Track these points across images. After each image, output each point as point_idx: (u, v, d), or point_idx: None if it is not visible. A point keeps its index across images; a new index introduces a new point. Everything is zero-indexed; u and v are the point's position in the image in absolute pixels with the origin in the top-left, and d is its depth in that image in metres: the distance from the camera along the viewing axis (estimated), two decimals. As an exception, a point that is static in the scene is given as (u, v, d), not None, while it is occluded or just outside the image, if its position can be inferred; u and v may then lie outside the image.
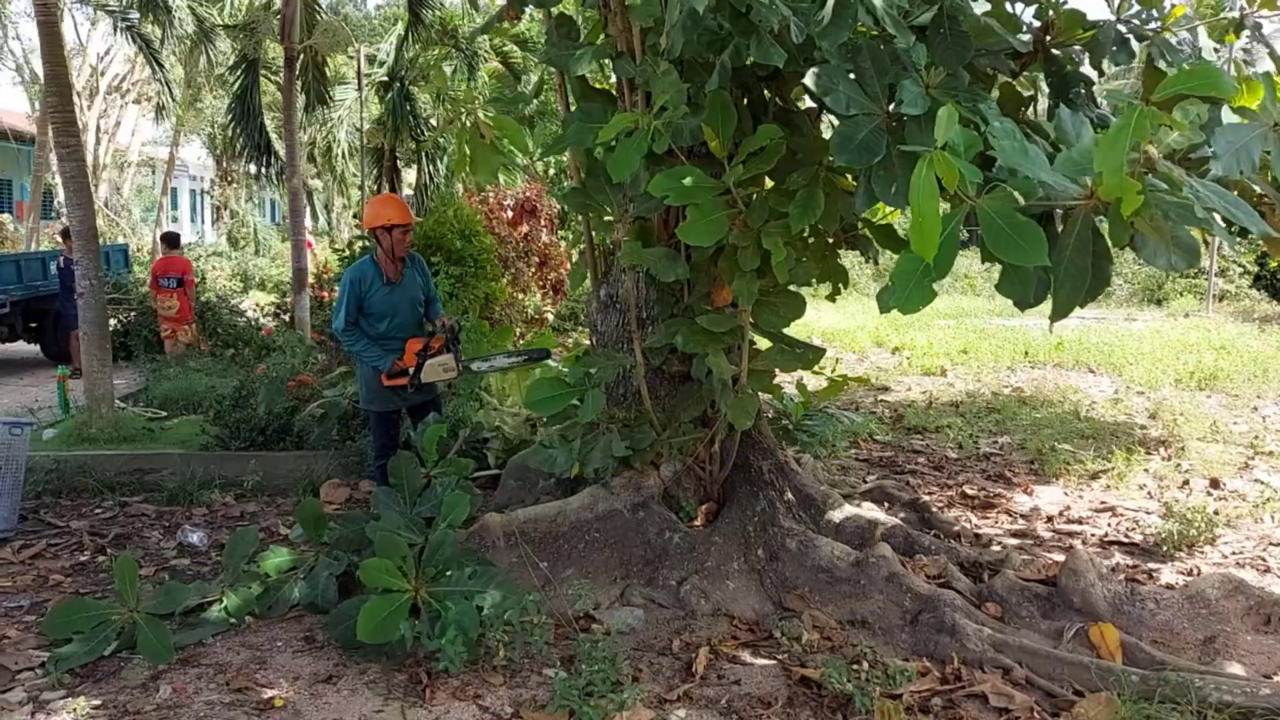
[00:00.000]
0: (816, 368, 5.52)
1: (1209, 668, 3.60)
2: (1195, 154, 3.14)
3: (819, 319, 16.35)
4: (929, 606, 3.92)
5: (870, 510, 4.85)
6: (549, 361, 5.60)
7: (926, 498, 5.91)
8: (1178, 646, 3.82)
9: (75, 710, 3.22)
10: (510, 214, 11.28)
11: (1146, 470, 6.77)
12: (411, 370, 4.85)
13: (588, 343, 4.92)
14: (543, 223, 11.58)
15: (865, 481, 6.23)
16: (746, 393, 4.06)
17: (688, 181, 3.57)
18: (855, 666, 3.49)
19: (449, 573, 3.71)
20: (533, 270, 11.58)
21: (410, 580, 3.63)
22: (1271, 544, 5.22)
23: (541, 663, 3.61)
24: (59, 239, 11.28)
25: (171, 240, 11.24)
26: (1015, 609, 4.02)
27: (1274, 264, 20.27)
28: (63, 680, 3.44)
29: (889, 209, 3.90)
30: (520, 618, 3.59)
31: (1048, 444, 7.29)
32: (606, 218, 4.08)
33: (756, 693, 3.47)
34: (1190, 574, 4.66)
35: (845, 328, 14.85)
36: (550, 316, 11.81)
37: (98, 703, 3.28)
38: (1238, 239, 3.51)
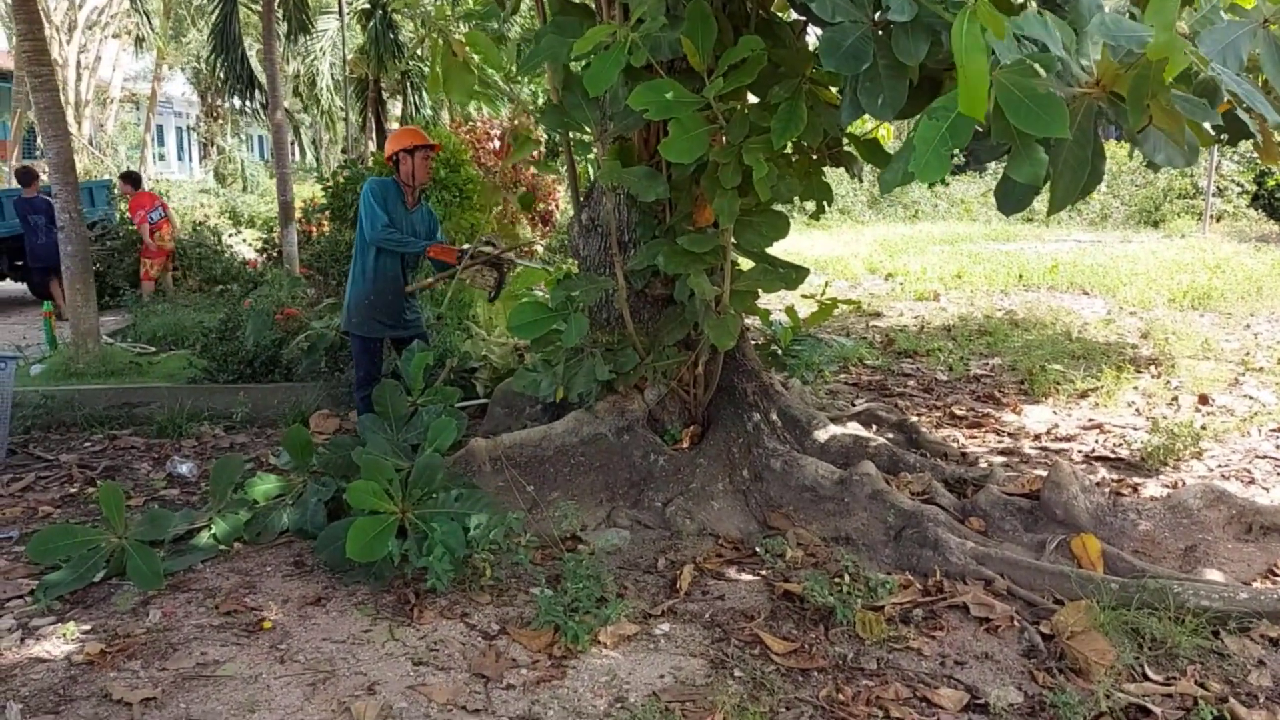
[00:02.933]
0: (806, 292, 5.51)
1: (1189, 575, 3.63)
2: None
3: (812, 246, 16.26)
4: (912, 522, 3.94)
5: (856, 430, 4.86)
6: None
7: (915, 419, 5.92)
8: (1159, 555, 3.85)
9: (65, 635, 3.25)
10: (497, 144, 11.10)
11: (1136, 388, 6.78)
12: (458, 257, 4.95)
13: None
14: (532, 153, 11.40)
15: (854, 405, 6.22)
16: (729, 313, 4.03)
17: (668, 95, 3.49)
18: (837, 580, 3.52)
19: (435, 495, 3.72)
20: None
21: (397, 502, 3.64)
22: (1257, 456, 5.24)
23: (528, 582, 3.65)
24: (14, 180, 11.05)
25: (133, 180, 11.08)
26: (999, 523, 4.05)
27: (1272, 182, 20.10)
28: (52, 607, 3.47)
29: (874, 123, 3.84)
30: (505, 538, 3.61)
31: (1038, 365, 7.29)
32: (585, 136, 3.99)
33: (740, 607, 3.51)
34: (1175, 486, 4.69)
35: (838, 255, 14.76)
36: (540, 249, 11.73)
37: (88, 628, 3.32)
38: (1225, 144, 3.43)
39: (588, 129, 3.88)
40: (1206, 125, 2.89)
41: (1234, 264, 12.50)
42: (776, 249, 4.20)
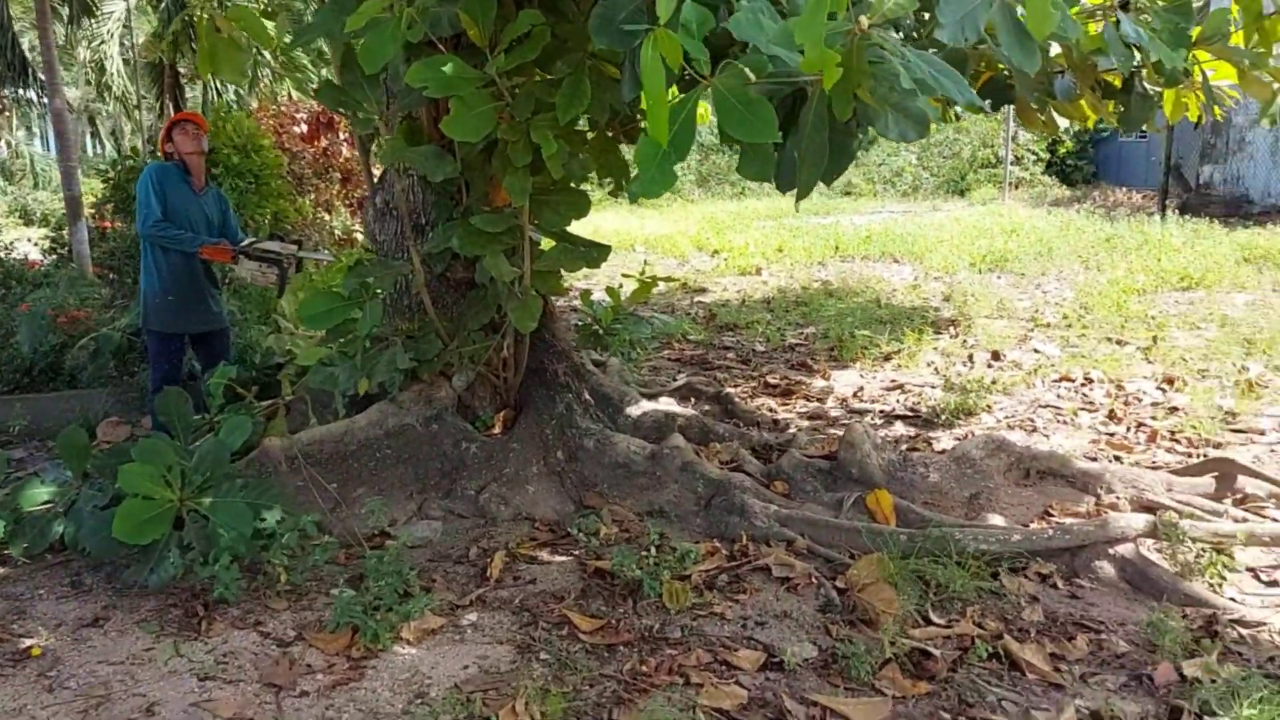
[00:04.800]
0: (627, 271, 5.52)
1: (973, 521, 3.86)
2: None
3: (642, 226, 16.43)
4: (720, 490, 4.02)
5: (668, 404, 4.93)
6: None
7: (731, 390, 6.06)
8: (947, 505, 4.07)
9: None
10: (304, 127, 10.64)
11: (936, 349, 7.16)
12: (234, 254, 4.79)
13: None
14: (343, 136, 10.98)
15: (675, 379, 6.31)
16: (530, 294, 3.99)
17: (447, 70, 3.39)
18: (644, 554, 3.55)
19: (219, 484, 3.51)
20: (336, 187, 11.02)
21: (175, 490, 3.41)
22: (1040, 406, 5.63)
23: (329, 584, 3.51)
24: None
25: None
26: (801, 484, 4.19)
27: (1063, 150, 21.62)
28: None
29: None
30: (300, 540, 3.46)
31: (848, 332, 7.59)
32: (368, 115, 3.84)
33: (551, 589, 3.49)
34: (964, 439, 4.97)
35: (667, 233, 14.96)
36: (360, 236, 11.33)
37: None
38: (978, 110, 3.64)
39: (368, 106, 3.73)
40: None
41: (1029, 227, 13.39)
42: (589, 229, 4.18)
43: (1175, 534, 3.49)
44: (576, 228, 4.17)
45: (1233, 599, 3.29)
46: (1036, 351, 6.94)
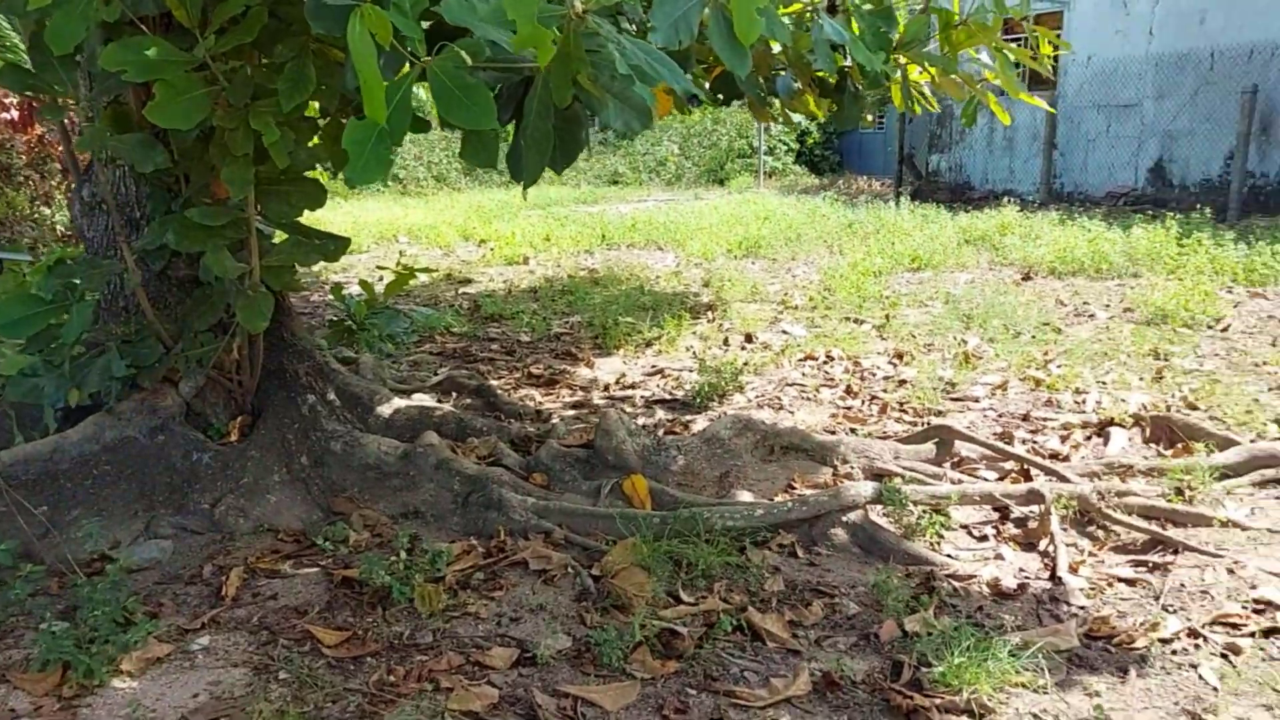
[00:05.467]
0: (382, 264, 5.30)
1: (722, 499, 4.00)
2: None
3: (405, 215, 15.96)
4: (478, 486, 3.96)
5: (422, 401, 4.80)
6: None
7: (495, 382, 5.99)
8: (699, 485, 4.20)
9: None
10: (14, 113, 9.56)
11: (695, 333, 7.39)
12: None
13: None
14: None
15: (436, 374, 6.16)
16: (260, 291, 3.75)
17: (150, 53, 3.11)
18: (395, 558, 3.43)
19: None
20: (55, 180, 9.98)
21: None
22: (787, 384, 5.92)
23: (37, 619, 3.16)
24: None
25: None
26: (560, 475, 4.19)
27: (811, 140, 22.91)
28: None
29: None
30: (-2, 574, 3.10)
31: (612, 319, 7.70)
32: (65, 100, 3.47)
33: (294, 603, 3.31)
34: (717, 419, 5.15)
35: (432, 223, 14.59)
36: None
37: None
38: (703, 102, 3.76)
39: (60, 91, 3.37)
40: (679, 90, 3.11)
41: (780, 215, 14.09)
42: (350, 219, 3.97)
43: (899, 498, 3.76)
44: (331, 217, 3.97)
45: (949, 555, 3.59)
46: (785, 333, 7.31)
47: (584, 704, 2.68)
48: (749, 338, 7.16)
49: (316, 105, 3.96)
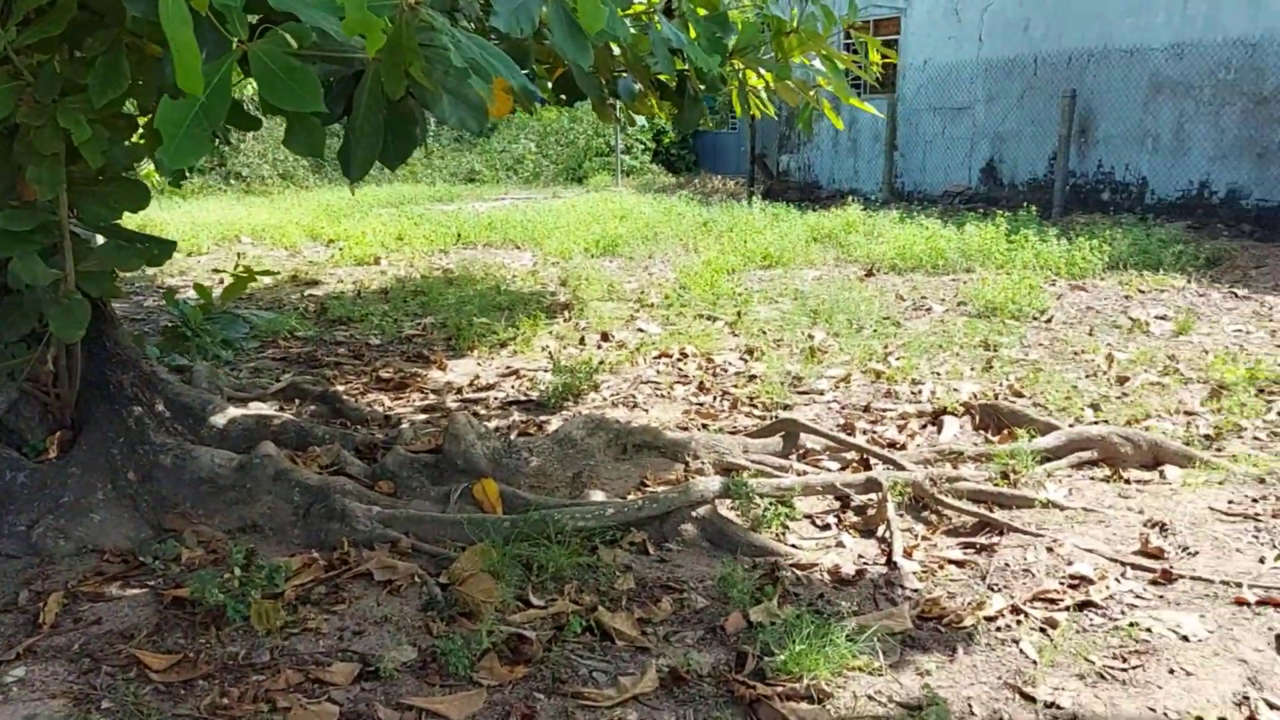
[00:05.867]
0: (219, 267, 5.05)
1: (575, 500, 4.00)
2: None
3: (249, 215, 15.31)
4: (320, 497, 3.82)
5: (260, 410, 4.61)
6: None
7: (341, 388, 5.82)
8: (552, 486, 4.18)
9: None
10: None
11: (551, 333, 7.37)
12: None
13: None
14: None
15: (279, 380, 5.93)
16: (76, 298, 3.51)
17: (-62, 44, 2.87)
18: (229, 575, 3.28)
19: None
20: None
21: None
22: (642, 382, 5.97)
23: None
24: None
25: None
26: (407, 481, 4.10)
27: (667, 140, 23.20)
28: None
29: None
30: None
31: (466, 320, 7.59)
32: None
33: (120, 628, 3.12)
34: (570, 420, 5.15)
35: (276, 223, 14.04)
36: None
37: None
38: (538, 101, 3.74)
39: None
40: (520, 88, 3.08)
41: (637, 213, 14.21)
42: (188, 220, 3.75)
43: (745, 492, 3.84)
44: (168, 218, 3.76)
45: (793, 545, 3.70)
46: (641, 331, 7.38)
47: (428, 715, 2.63)
48: (605, 336, 7.19)
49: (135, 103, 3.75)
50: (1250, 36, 10.90)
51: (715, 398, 5.60)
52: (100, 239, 3.79)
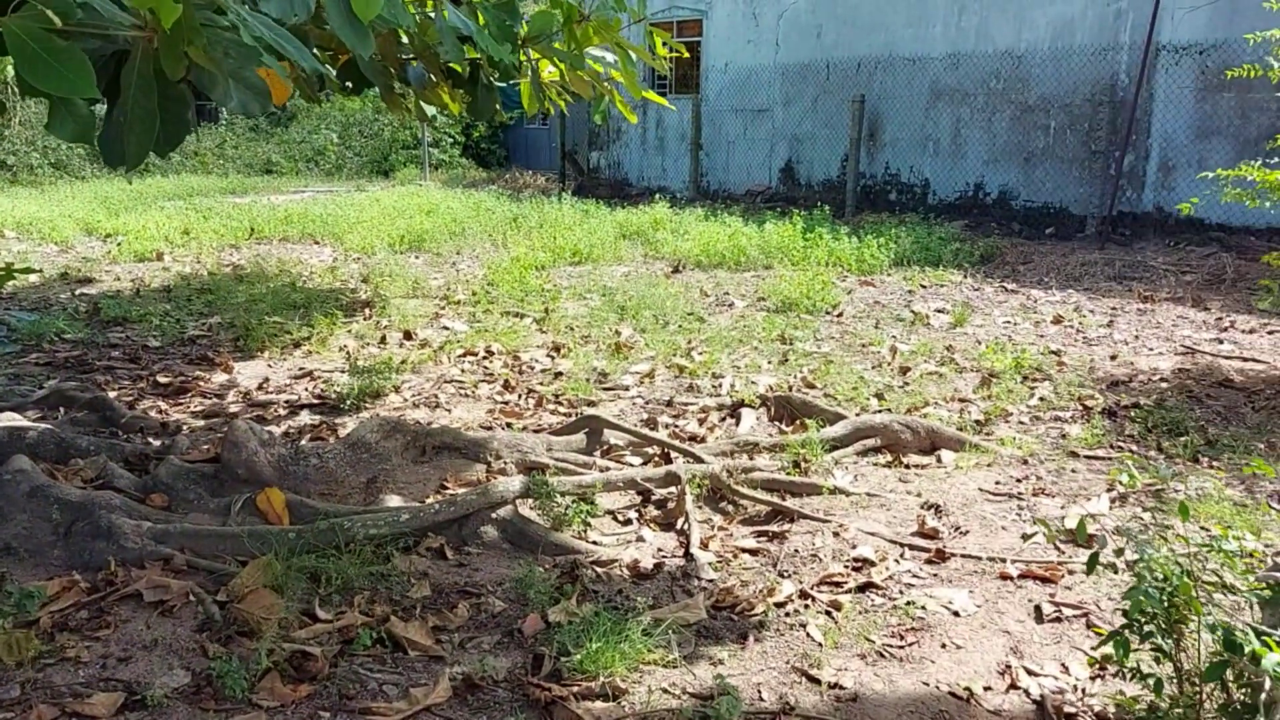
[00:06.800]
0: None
1: (370, 506, 3.84)
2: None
3: (13, 208, 13.96)
4: (83, 514, 3.50)
5: (13, 420, 4.18)
6: None
7: (113, 394, 5.37)
8: (344, 493, 4.01)
9: None
10: None
11: (350, 332, 7.09)
12: None
13: None
14: None
15: (42, 387, 5.42)
16: None
17: None
18: (-32, 607, 2.95)
19: None
20: None
21: None
22: (446, 381, 5.83)
23: None
24: None
25: None
26: (183, 494, 3.82)
27: (477, 134, 22.88)
28: None
29: None
30: None
31: (257, 319, 7.18)
32: None
33: None
34: (364, 422, 4.95)
35: (46, 216, 12.85)
36: None
37: None
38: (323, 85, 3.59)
39: None
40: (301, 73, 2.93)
41: (445, 208, 13.92)
42: None
43: (546, 490, 3.81)
44: None
45: (594, 542, 3.70)
46: (446, 329, 7.21)
47: (201, 745, 2.45)
48: (408, 335, 6.98)
49: None
50: (1016, 49, 11.86)
51: (521, 396, 5.54)
52: None
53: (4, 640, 2.83)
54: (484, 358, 6.37)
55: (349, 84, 3.77)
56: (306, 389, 5.70)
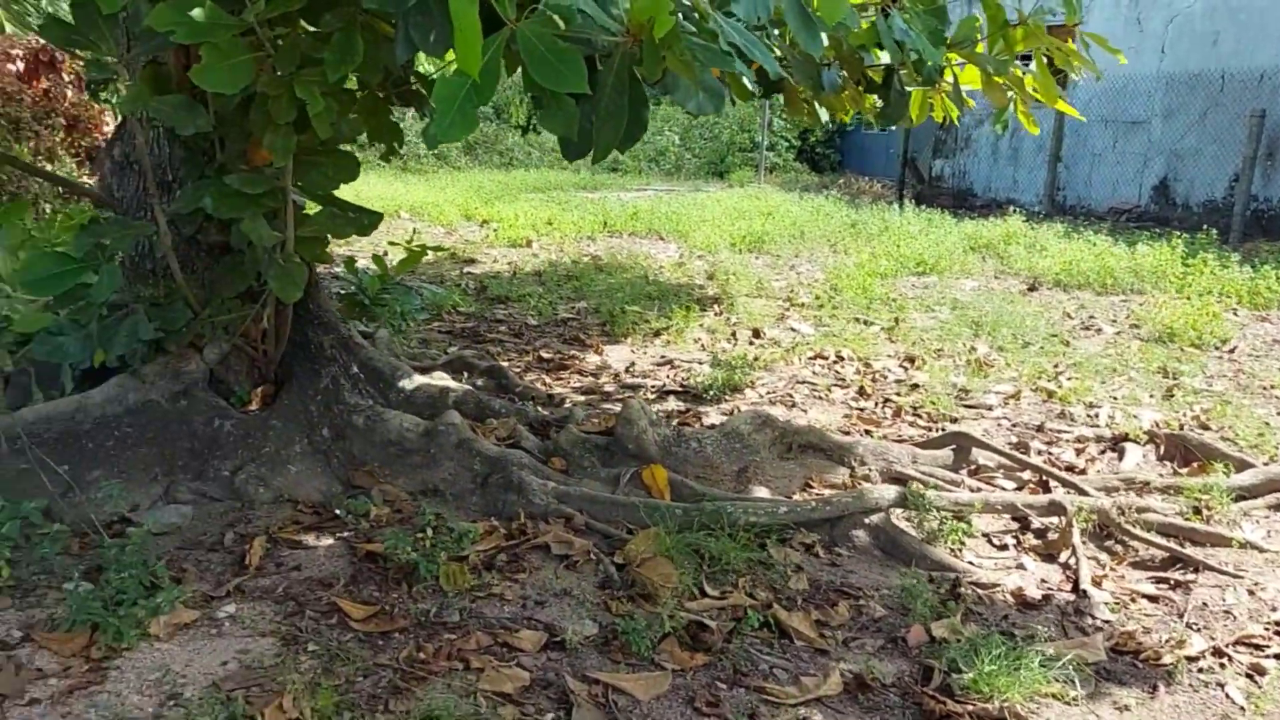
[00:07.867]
0: (394, 239, 5.27)
1: (741, 494, 4.01)
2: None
3: (407, 193, 15.88)
4: (498, 467, 3.95)
5: (442, 379, 4.77)
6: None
7: (505, 364, 5.97)
8: (717, 479, 4.20)
9: None
10: (20, 66, 9.41)
11: (702, 325, 7.39)
12: None
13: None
14: (67, 77, 9.80)
15: (446, 352, 6.14)
16: (294, 261, 3.71)
17: (198, 15, 3.06)
18: (419, 535, 3.42)
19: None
20: (60, 135, 9.83)
21: None
22: (798, 382, 5.93)
23: (61, 578, 3.13)
24: None
25: None
26: (579, 460, 4.19)
27: (813, 139, 22.92)
28: None
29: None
30: (24, 530, 3.06)
31: (619, 307, 7.68)
32: (107, 57, 3.42)
33: (318, 575, 3.29)
34: (731, 414, 5.15)
35: (433, 201, 14.52)
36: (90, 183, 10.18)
37: None
38: (759, 92, 3.74)
39: (103, 47, 3.32)
40: (744, 77, 3.10)
41: (783, 211, 14.10)
42: (353, 193, 3.94)
43: (922, 503, 3.77)
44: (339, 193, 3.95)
45: (971, 562, 3.61)
46: (793, 330, 7.32)
47: (615, 691, 2.68)
48: (756, 333, 7.16)
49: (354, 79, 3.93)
50: None
51: (876, 404, 5.51)
52: (312, 206, 4.00)
53: (444, 571, 3.26)
54: (834, 362, 6.40)
55: (760, 87, 3.93)
56: (669, 376, 6.02)
